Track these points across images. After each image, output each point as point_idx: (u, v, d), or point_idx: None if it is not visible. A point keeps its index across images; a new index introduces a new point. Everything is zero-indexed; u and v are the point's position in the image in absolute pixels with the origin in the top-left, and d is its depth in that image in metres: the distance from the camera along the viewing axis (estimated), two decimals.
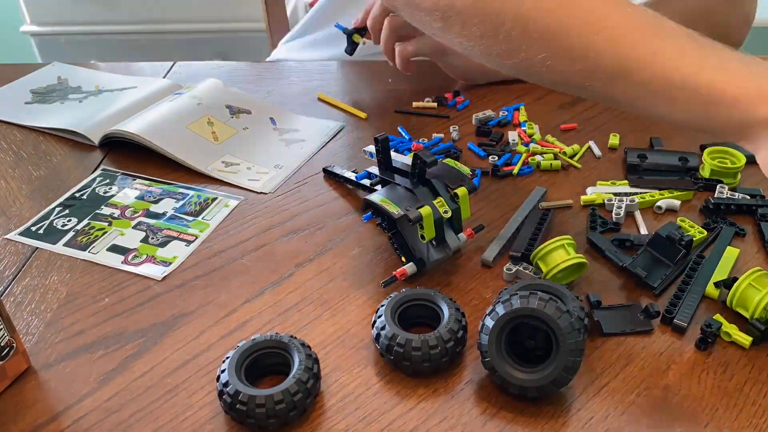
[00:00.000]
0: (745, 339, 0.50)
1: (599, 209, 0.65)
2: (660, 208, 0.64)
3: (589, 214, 0.64)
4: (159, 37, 2.12)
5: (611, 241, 0.60)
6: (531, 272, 0.57)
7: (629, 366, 0.49)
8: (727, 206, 0.64)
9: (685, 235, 0.57)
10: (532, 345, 0.48)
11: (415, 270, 0.56)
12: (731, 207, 0.64)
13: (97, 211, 0.67)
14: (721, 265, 0.57)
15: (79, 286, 0.58)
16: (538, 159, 0.72)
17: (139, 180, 0.71)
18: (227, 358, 0.47)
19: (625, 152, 0.71)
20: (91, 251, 0.61)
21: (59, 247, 0.62)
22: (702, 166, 0.69)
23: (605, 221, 0.63)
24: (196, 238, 0.63)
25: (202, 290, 0.57)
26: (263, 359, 0.48)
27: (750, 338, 0.50)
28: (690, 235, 0.58)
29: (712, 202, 0.64)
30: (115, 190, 0.70)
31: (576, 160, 0.72)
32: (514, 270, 0.57)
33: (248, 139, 0.77)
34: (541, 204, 0.65)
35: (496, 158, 0.72)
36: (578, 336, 0.45)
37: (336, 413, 0.47)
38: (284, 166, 0.73)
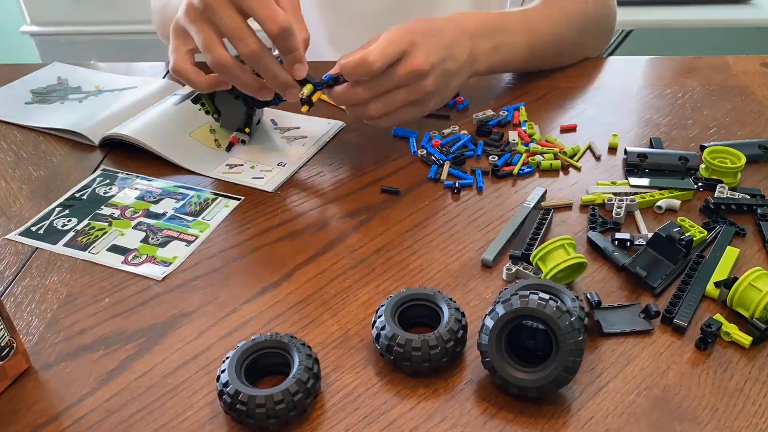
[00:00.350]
0: (745, 339, 0.50)
1: (599, 209, 0.65)
2: (660, 208, 0.64)
3: (589, 214, 0.64)
4: (159, 37, 2.12)
5: (611, 240, 0.60)
6: (531, 272, 0.57)
7: (629, 366, 0.49)
8: (727, 206, 0.64)
9: (685, 235, 0.57)
10: (532, 345, 0.48)
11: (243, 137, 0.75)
12: (731, 207, 0.64)
13: (97, 211, 0.67)
14: (721, 265, 0.57)
15: (79, 286, 0.58)
16: (538, 159, 0.72)
17: (139, 180, 0.71)
18: (227, 358, 0.47)
19: (625, 152, 0.71)
20: (91, 251, 0.61)
21: (59, 247, 0.62)
22: (702, 166, 0.69)
23: (605, 221, 0.63)
24: (196, 238, 0.63)
25: (202, 290, 0.57)
26: (263, 359, 0.48)
27: (750, 338, 0.50)
28: (690, 235, 0.58)
29: (712, 202, 0.64)
30: (115, 190, 0.70)
31: (576, 160, 0.72)
32: (514, 270, 0.57)
33: (250, 140, 0.77)
34: (541, 204, 0.66)
35: (496, 158, 0.72)
36: (578, 336, 0.45)
37: (336, 413, 0.47)
38: (287, 163, 0.73)
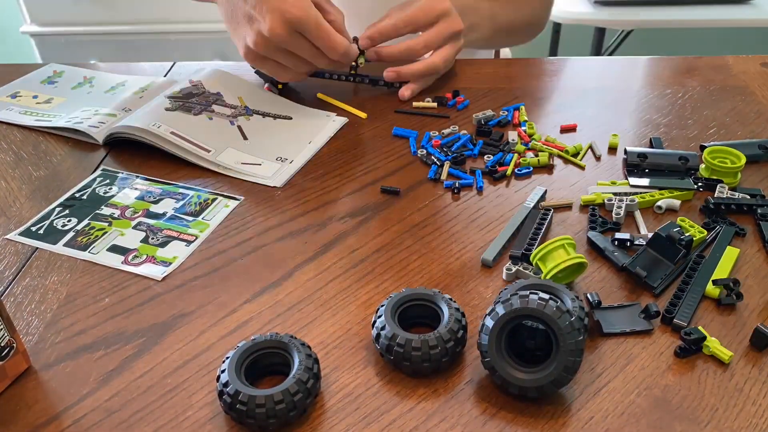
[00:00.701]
0: (724, 354, 0.49)
1: (599, 209, 0.65)
2: (660, 208, 0.64)
3: (589, 214, 0.64)
4: (159, 37, 2.12)
5: (611, 240, 0.60)
6: (531, 272, 0.57)
7: (629, 366, 0.49)
8: (727, 206, 0.64)
9: (685, 235, 0.57)
10: (532, 345, 0.48)
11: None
12: (731, 207, 0.64)
13: (97, 211, 0.67)
14: (721, 265, 0.57)
15: (79, 287, 0.58)
16: (528, 156, 0.71)
17: (139, 180, 0.71)
18: (227, 358, 0.47)
19: (625, 152, 0.71)
20: (91, 251, 0.61)
21: (59, 247, 0.62)
22: (702, 166, 0.69)
23: (605, 221, 0.63)
24: (196, 238, 0.63)
25: (202, 290, 0.57)
26: (263, 359, 0.48)
27: (730, 353, 0.49)
28: (690, 235, 0.58)
29: (712, 202, 0.64)
30: (115, 190, 0.70)
31: (579, 158, 0.72)
32: (514, 270, 0.57)
33: (254, 129, 0.77)
34: (541, 204, 0.66)
35: (491, 156, 0.72)
36: (578, 336, 0.45)
37: (336, 413, 0.47)
38: (287, 158, 0.74)
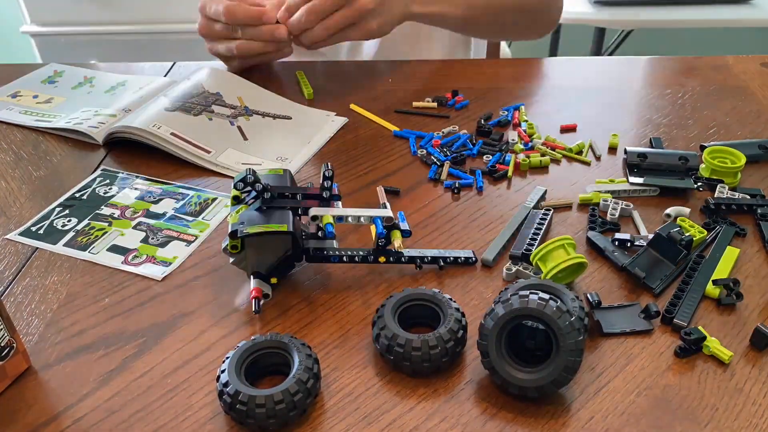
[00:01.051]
0: (724, 354, 0.49)
1: (598, 209, 0.64)
2: (669, 216, 0.63)
3: (588, 213, 0.64)
4: (159, 37, 2.12)
5: (611, 241, 0.60)
6: (531, 272, 0.57)
7: (629, 366, 0.49)
8: (727, 206, 0.64)
9: (685, 235, 0.57)
10: (532, 345, 0.48)
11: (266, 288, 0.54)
12: (731, 207, 0.64)
13: (97, 211, 0.67)
14: (721, 265, 0.57)
15: (79, 286, 0.58)
16: (524, 157, 0.71)
17: (139, 180, 0.71)
18: (227, 358, 0.47)
19: (625, 152, 0.71)
20: (91, 251, 0.61)
21: (59, 247, 0.62)
22: (702, 166, 0.69)
23: (605, 221, 0.63)
24: (196, 238, 0.63)
25: (202, 290, 0.57)
26: (263, 359, 0.48)
27: (730, 353, 0.49)
28: (690, 235, 0.58)
29: (712, 202, 0.64)
30: (115, 190, 0.70)
31: (584, 156, 0.72)
32: (514, 270, 0.57)
33: (254, 129, 0.77)
34: (541, 204, 0.66)
35: (490, 157, 0.72)
36: (578, 336, 0.45)
37: (336, 413, 0.47)
38: (287, 158, 0.74)
